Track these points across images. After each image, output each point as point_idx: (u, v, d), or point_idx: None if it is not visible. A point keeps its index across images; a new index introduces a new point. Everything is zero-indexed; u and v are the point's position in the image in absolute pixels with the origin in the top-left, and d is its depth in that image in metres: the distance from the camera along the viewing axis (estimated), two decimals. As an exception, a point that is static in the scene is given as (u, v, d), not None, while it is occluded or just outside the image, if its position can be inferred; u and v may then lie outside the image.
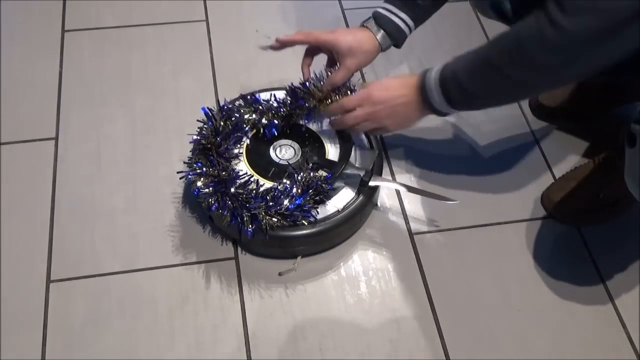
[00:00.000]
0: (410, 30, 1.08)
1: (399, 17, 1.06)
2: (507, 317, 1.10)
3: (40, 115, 1.31)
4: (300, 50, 1.13)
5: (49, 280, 1.09)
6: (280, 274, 1.12)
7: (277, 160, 1.13)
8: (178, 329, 1.06)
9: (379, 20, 1.07)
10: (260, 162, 1.13)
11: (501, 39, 0.87)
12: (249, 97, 1.17)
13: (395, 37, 1.07)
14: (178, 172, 1.09)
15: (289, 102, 1.16)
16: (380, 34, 1.07)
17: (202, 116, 1.11)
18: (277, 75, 1.37)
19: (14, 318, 1.05)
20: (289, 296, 1.10)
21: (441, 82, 0.95)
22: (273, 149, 1.15)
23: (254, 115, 1.15)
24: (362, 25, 1.08)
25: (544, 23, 0.80)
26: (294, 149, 1.15)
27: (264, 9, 1.53)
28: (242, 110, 1.15)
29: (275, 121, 1.15)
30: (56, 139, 1.27)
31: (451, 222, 1.20)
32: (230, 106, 1.15)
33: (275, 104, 1.16)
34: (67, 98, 1.34)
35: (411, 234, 1.19)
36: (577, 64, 0.82)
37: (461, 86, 0.92)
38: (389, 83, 1.04)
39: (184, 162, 1.09)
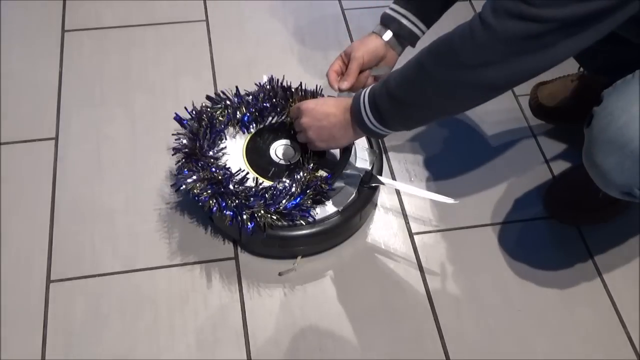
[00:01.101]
0: (406, 18, 1.07)
1: (393, 9, 1.08)
2: (507, 317, 1.10)
3: (40, 115, 1.31)
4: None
5: (49, 280, 1.09)
6: (280, 274, 1.12)
7: (277, 160, 1.13)
8: (178, 329, 1.06)
9: (382, 19, 1.09)
10: (260, 162, 1.13)
11: (436, 40, 0.88)
12: (215, 94, 1.18)
13: (387, 24, 1.08)
14: (172, 186, 1.09)
15: (261, 95, 1.16)
16: (378, 28, 1.09)
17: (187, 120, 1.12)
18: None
19: (14, 318, 1.05)
20: (288, 296, 1.10)
21: (371, 94, 0.94)
22: (273, 149, 1.15)
23: (226, 111, 1.15)
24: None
25: (475, 22, 0.81)
26: (294, 149, 1.15)
27: (264, 9, 1.53)
28: (210, 109, 1.15)
29: (248, 114, 1.15)
30: (56, 139, 1.28)
31: (451, 222, 1.20)
32: (199, 109, 1.15)
33: (247, 97, 1.17)
34: (67, 98, 1.34)
35: (411, 234, 1.19)
36: (499, 67, 0.81)
37: (390, 93, 0.91)
38: (324, 99, 1.06)
39: (173, 174, 1.09)
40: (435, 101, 0.90)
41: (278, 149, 1.15)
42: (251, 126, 1.16)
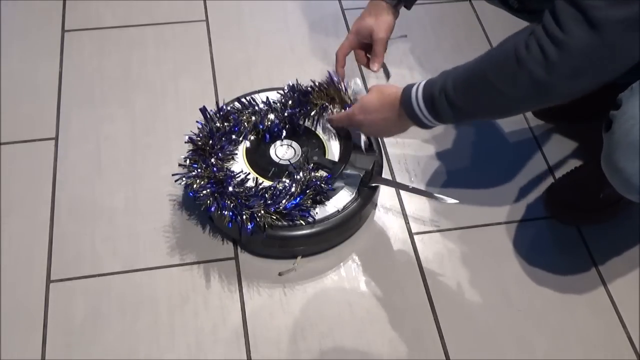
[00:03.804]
0: None
1: None
2: (507, 317, 1.10)
3: (40, 115, 1.31)
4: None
5: (49, 280, 1.09)
6: (280, 274, 1.12)
7: (277, 160, 1.13)
8: (178, 329, 1.06)
9: None
10: (260, 162, 1.13)
11: (497, 54, 0.86)
12: (245, 98, 1.17)
13: None
14: (174, 175, 1.09)
15: (289, 102, 1.16)
16: None
17: (202, 116, 1.12)
18: (277, 75, 1.37)
19: (14, 318, 1.05)
20: (288, 296, 1.10)
21: (427, 98, 0.93)
22: (273, 149, 1.15)
23: (253, 118, 1.15)
24: None
25: (543, 39, 0.79)
26: (294, 149, 1.15)
27: (264, 9, 1.53)
28: (240, 113, 1.15)
29: (277, 121, 1.15)
30: (56, 139, 1.28)
31: (451, 222, 1.20)
32: (228, 108, 1.15)
33: (275, 105, 1.16)
34: (67, 98, 1.34)
35: (411, 234, 1.19)
36: (577, 81, 0.80)
37: (451, 102, 0.90)
38: (370, 104, 1.04)
39: (179, 165, 1.09)
40: (498, 110, 0.92)
41: (278, 149, 1.15)
42: (283, 131, 1.16)
